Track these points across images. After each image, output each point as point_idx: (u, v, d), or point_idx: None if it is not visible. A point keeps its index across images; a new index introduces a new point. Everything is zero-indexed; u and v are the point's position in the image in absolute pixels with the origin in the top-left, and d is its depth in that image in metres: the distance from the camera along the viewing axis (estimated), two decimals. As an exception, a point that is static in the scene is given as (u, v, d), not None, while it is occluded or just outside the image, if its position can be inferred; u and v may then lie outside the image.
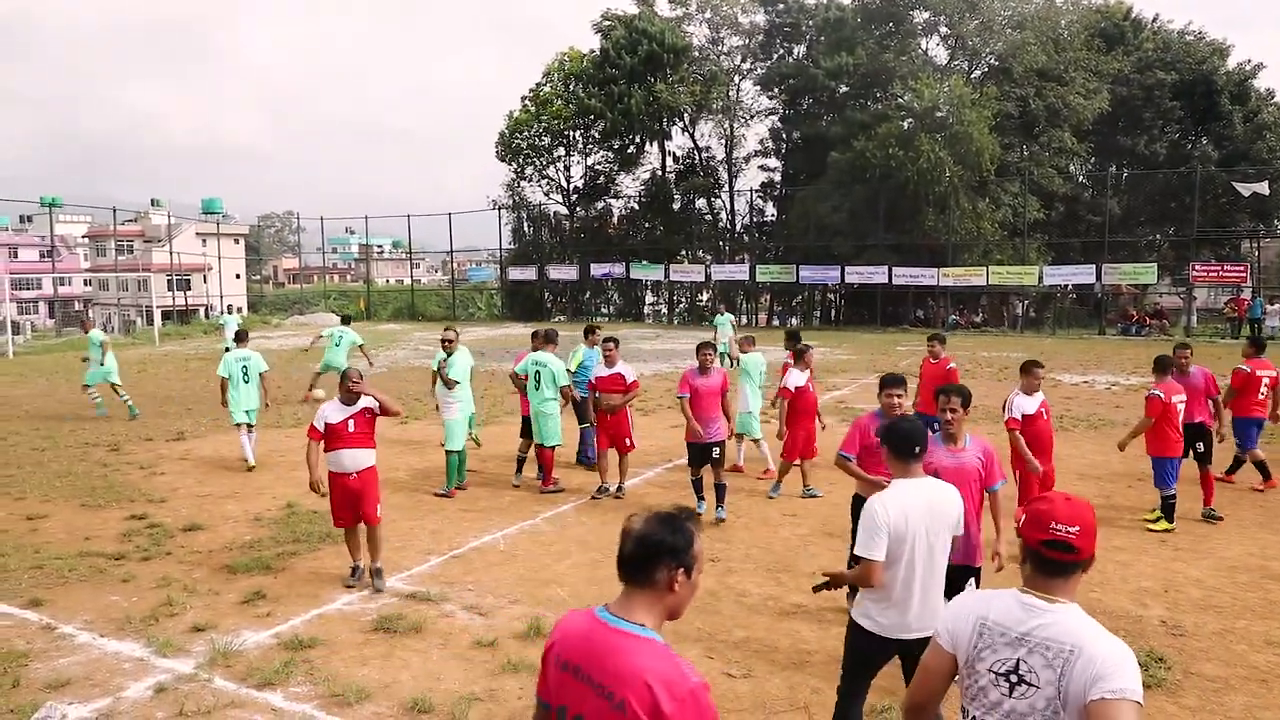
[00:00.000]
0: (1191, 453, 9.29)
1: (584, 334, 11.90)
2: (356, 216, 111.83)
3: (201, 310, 55.89)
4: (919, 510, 4.10)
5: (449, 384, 10.17)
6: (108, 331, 30.54)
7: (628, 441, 10.21)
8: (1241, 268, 38.73)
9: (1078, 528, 2.51)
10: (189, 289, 57.81)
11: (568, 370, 10.84)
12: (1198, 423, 9.41)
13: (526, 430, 10.86)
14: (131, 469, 11.78)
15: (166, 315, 49.68)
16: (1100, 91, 41.93)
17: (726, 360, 22.16)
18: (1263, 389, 10.21)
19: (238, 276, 63.35)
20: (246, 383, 12.10)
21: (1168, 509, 8.89)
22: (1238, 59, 46.26)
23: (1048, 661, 2.46)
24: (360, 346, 18.77)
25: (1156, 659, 5.86)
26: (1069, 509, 2.55)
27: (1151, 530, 8.82)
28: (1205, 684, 5.61)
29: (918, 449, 4.21)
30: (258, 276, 73.19)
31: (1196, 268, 37.37)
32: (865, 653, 4.32)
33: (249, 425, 12.11)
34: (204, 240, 59.23)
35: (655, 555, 2.34)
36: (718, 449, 9.17)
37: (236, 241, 66.34)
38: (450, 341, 10.22)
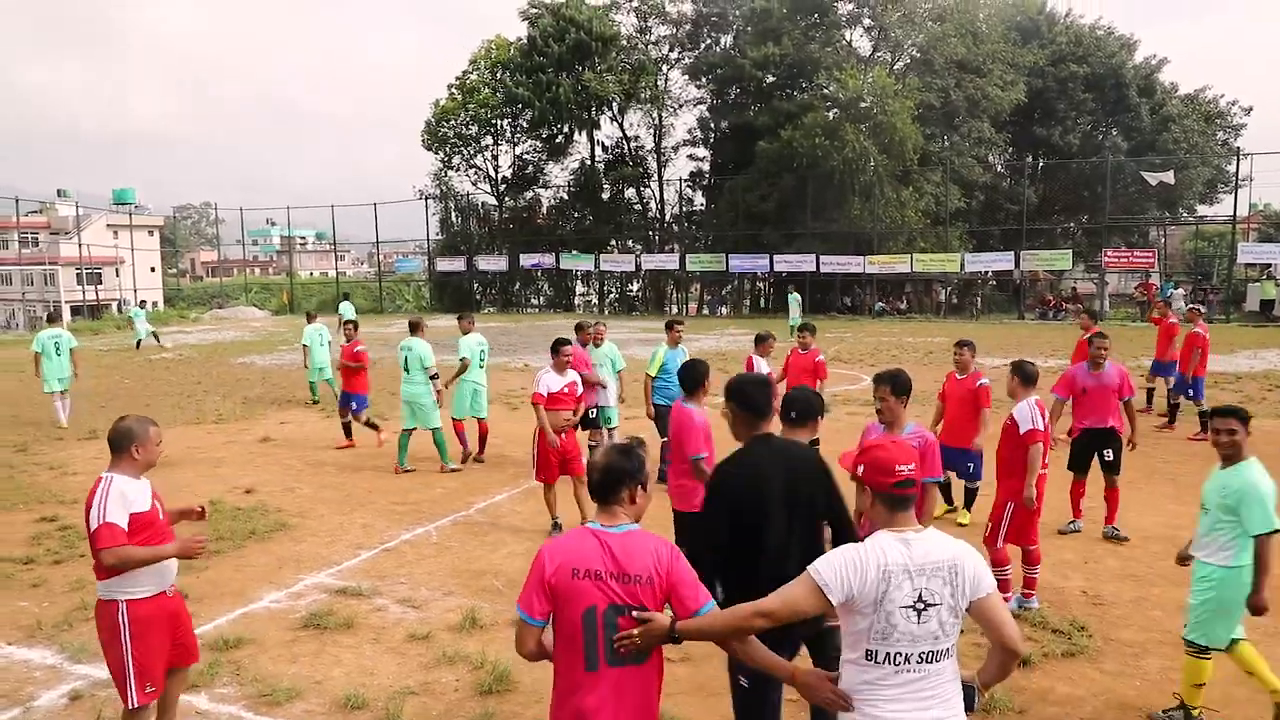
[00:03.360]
0: (1099, 460, 8.18)
1: (665, 328, 10.46)
2: (278, 207, 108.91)
3: (114, 305, 53.83)
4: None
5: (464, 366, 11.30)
6: (11, 328, 29.32)
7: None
8: (1150, 254, 40.38)
9: (913, 464, 2.98)
10: (100, 283, 55.47)
11: (648, 375, 9.94)
12: (1108, 427, 8.20)
13: None
14: (40, 470, 11.29)
15: (76, 310, 47.73)
16: (1017, 83, 43.12)
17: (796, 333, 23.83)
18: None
19: (153, 270, 61.10)
20: (59, 356, 14.07)
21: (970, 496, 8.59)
22: (1144, 53, 48.16)
23: (944, 579, 2.88)
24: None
25: (1079, 627, 6.05)
26: (902, 452, 3.02)
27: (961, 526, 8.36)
28: (1124, 649, 5.82)
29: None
30: (174, 270, 70.74)
31: (1108, 254, 38.80)
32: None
33: (62, 392, 14.19)
34: (115, 232, 57.08)
35: (619, 480, 3.08)
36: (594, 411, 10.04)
37: (151, 234, 63.98)
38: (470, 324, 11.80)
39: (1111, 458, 8.16)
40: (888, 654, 2.87)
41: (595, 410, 10.08)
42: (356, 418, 12.41)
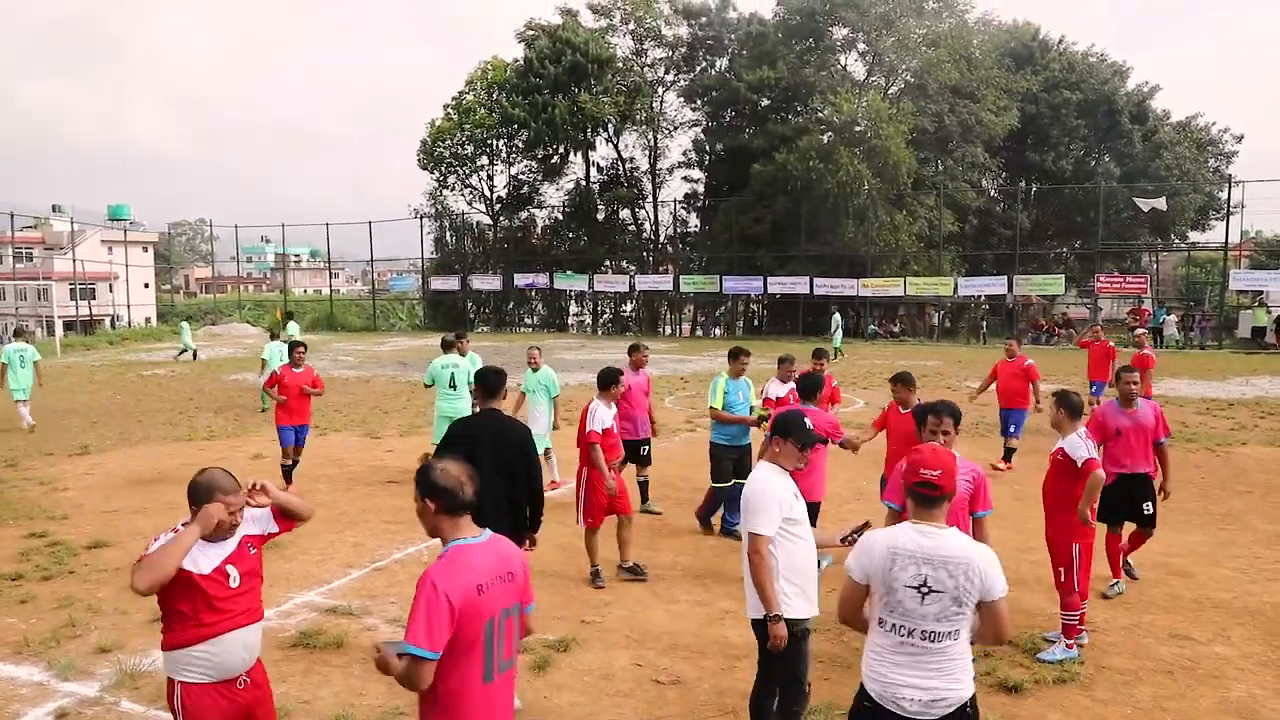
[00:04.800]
0: (1136, 513, 7.24)
1: (730, 357, 9.25)
2: (273, 225, 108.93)
3: (107, 320, 53.68)
4: None
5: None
6: (4, 342, 29.26)
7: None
8: (1142, 279, 40.62)
9: (939, 471, 3.39)
10: (94, 298, 55.33)
11: (711, 407, 8.98)
12: (1140, 474, 7.20)
13: None
14: (30, 485, 11.21)
15: (69, 325, 47.57)
16: (1010, 109, 43.51)
17: (839, 354, 26.69)
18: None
19: (146, 286, 61.00)
20: (23, 368, 15.49)
21: None
22: (1136, 80, 48.67)
23: (949, 573, 3.29)
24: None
25: (1077, 660, 6.03)
26: (934, 458, 3.45)
27: None
28: (1115, 676, 5.80)
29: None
30: (168, 286, 70.49)
31: (1101, 279, 39.01)
32: None
33: (24, 400, 15.46)
34: (110, 248, 56.99)
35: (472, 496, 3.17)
36: (646, 446, 9.61)
37: (145, 250, 63.87)
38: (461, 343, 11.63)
39: (1150, 510, 7.21)
40: (894, 624, 3.36)
41: (647, 445, 9.70)
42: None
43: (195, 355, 31.42)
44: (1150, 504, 7.22)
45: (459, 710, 3.03)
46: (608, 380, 7.75)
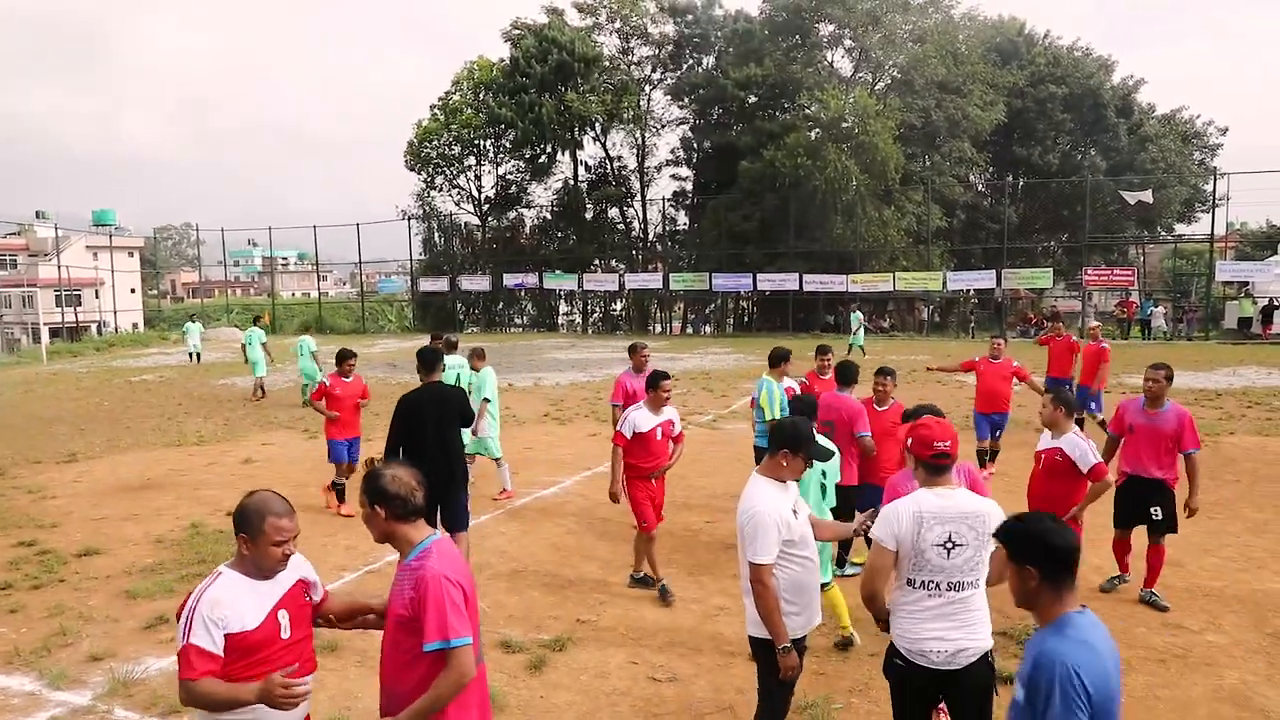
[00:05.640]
0: (1149, 519, 6.86)
1: (769, 362, 8.76)
2: (260, 228, 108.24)
3: (94, 327, 53.36)
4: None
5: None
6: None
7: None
8: (1129, 272, 40.81)
9: (949, 441, 3.84)
10: (79, 304, 54.99)
11: (771, 420, 7.86)
12: (1156, 479, 6.83)
13: None
14: (18, 494, 11.13)
15: (55, 332, 47.25)
16: (997, 103, 43.60)
17: (860, 351, 26.83)
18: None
19: (133, 291, 60.68)
20: None
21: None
22: (1121, 74, 48.82)
23: (970, 526, 3.71)
24: (264, 344, 20.94)
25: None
26: (941, 430, 3.86)
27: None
28: (1110, 667, 5.81)
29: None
30: (154, 291, 70.11)
31: (1089, 272, 39.15)
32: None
33: None
34: (95, 254, 56.62)
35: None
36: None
37: (131, 255, 63.51)
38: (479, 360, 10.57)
39: (1160, 516, 6.79)
40: (923, 581, 3.69)
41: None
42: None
43: (199, 358, 31.08)
44: (1159, 509, 6.76)
45: (468, 691, 3.09)
46: (653, 383, 7.25)
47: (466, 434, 8.95)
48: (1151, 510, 6.77)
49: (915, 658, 3.71)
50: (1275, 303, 34.25)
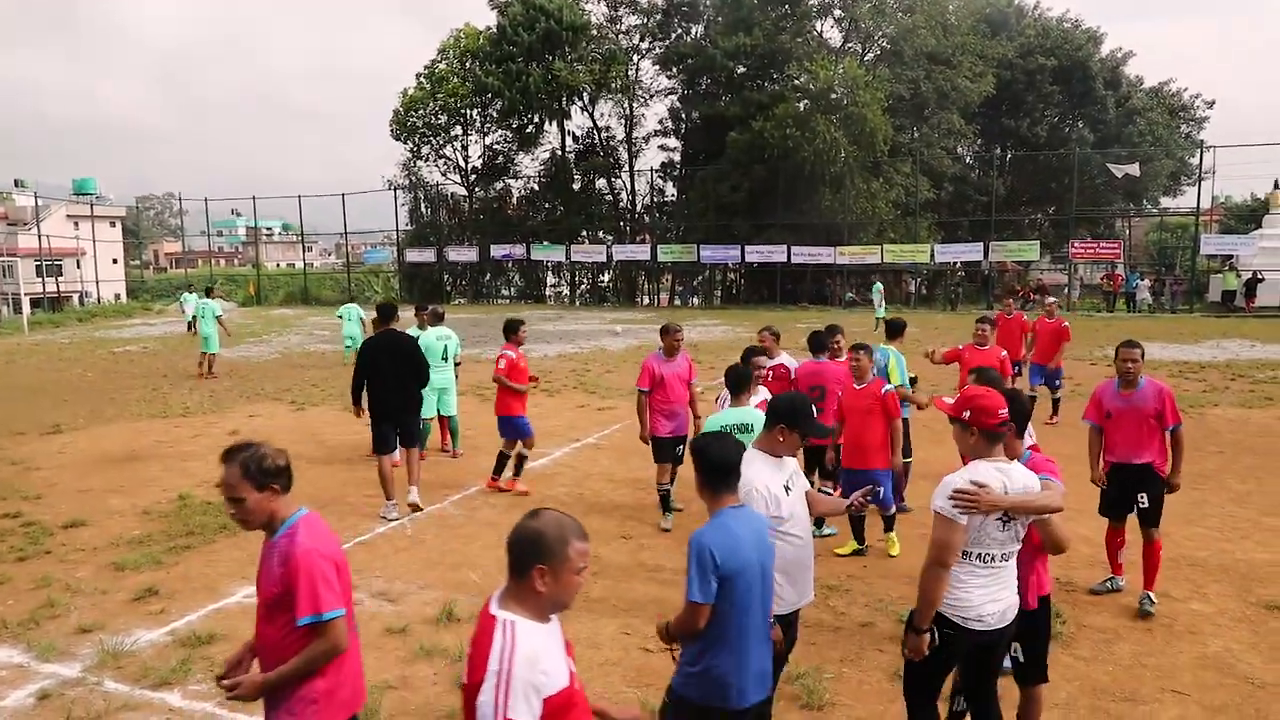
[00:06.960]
0: (1135, 508, 6.46)
1: (889, 333, 8.96)
2: (243, 197, 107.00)
3: (75, 297, 52.81)
4: None
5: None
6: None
7: None
8: (1115, 245, 40.94)
9: (1005, 409, 3.83)
10: (60, 275, 54.33)
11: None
12: (1142, 464, 6.35)
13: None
14: (1, 465, 11.04)
15: (36, 303, 46.75)
16: (986, 75, 43.43)
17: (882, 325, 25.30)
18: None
19: (115, 261, 59.96)
20: None
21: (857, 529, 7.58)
22: (1110, 47, 48.69)
23: None
24: (219, 318, 19.73)
25: (1055, 614, 6.10)
26: (994, 399, 3.83)
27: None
28: (1096, 635, 5.90)
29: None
30: (137, 261, 69.26)
31: (1075, 245, 39.26)
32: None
33: None
34: (76, 223, 55.88)
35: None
36: (682, 445, 8.21)
37: (113, 224, 62.66)
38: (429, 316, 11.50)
39: (1147, 504, 6.37)
40: (979, 554, 3.76)
41: (682, 445, 8.25)
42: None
43: (192, 328, 30.17)
44: (1146, 496, 6.35)
45: (341, 665, 3.17)
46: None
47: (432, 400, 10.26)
48: (1139, 498, 6.38)
49: (970, 624, 3.79)
50: (1259, 276, 34.46)
